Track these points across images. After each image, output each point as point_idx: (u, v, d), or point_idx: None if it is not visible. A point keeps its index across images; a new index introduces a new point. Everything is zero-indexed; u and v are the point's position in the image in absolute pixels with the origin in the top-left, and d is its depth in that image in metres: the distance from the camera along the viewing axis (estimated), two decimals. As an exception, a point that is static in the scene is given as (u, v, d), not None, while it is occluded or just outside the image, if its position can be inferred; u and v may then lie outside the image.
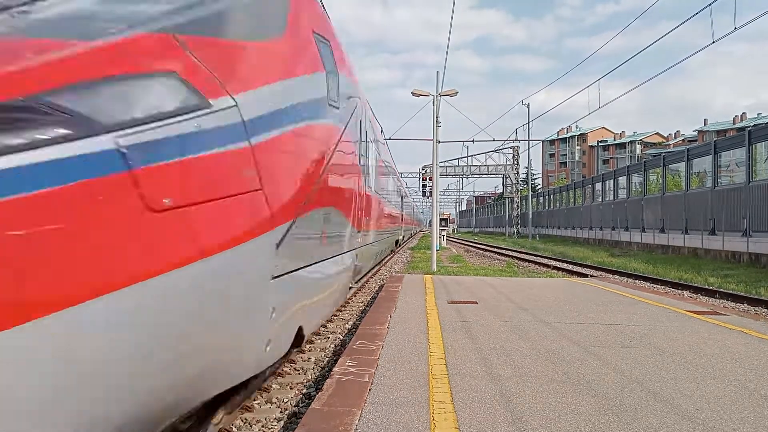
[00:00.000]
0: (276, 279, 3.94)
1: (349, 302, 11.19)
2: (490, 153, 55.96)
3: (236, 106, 3.32)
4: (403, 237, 37.18)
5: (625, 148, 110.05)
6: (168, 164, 2.78)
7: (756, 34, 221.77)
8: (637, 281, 16.60)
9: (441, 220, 32.50)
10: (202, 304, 3.03)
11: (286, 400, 5.24)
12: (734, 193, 22.80)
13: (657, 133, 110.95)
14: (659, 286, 15.23)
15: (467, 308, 8.45)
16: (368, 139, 10.21)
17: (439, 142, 19.82)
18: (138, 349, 2.63)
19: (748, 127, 28.87)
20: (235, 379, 3.72)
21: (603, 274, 19.06)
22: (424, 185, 39.95)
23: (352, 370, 4.77)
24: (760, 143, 21.98)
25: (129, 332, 2.58)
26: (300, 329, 4.92)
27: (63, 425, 2.36)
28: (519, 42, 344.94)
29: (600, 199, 39.73)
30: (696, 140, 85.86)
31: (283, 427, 4.60)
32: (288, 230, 4.06)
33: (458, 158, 55.70)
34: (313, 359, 6.77)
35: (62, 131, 2.31)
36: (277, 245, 3.87)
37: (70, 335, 2.31)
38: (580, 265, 23.04)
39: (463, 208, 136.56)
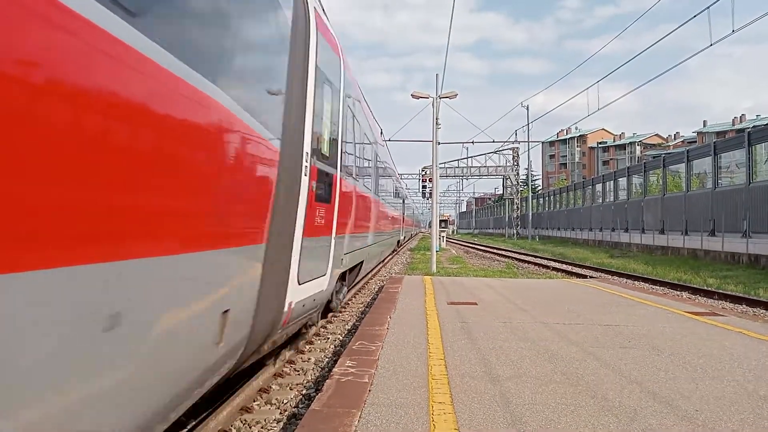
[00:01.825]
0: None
1: (348, 304, 11.21)
2: (490, 154, 56.03)
3: None
4: (404, 237, 37.47)
5: (625, 149, 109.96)
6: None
7: (754, 36, 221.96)
8: (636, 282, 16.60)
9: (441, 221, 32.49)
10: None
11: (285, 401, 5.24)
12: (734, 194, 22.82)
13: (656, 135, 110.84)
14: (658, 287, 15.23)
15: (467, 309, 8.45)
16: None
17: (439, 143, 19.84)
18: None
19: (748, 128, 28.89)
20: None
21: (602, 275, 19.06)
22: (424, 186, 39.96)
23: (352, 370, 4.78)
24: (759, 144, 22.01)
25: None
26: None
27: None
28: (519, 44, 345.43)
29: (600, 201, 39.75)
30: (696, 142, 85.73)
31: (282, 428, 4.61)
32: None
33: (458, 159, 55.68)
34: (312, 360, 6.78)
35: None
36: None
37: None
38: (580, 266, 23.04)
39: (463, 209, 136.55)
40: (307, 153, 4.99)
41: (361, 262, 10.82)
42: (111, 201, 2.05)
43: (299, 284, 5.06)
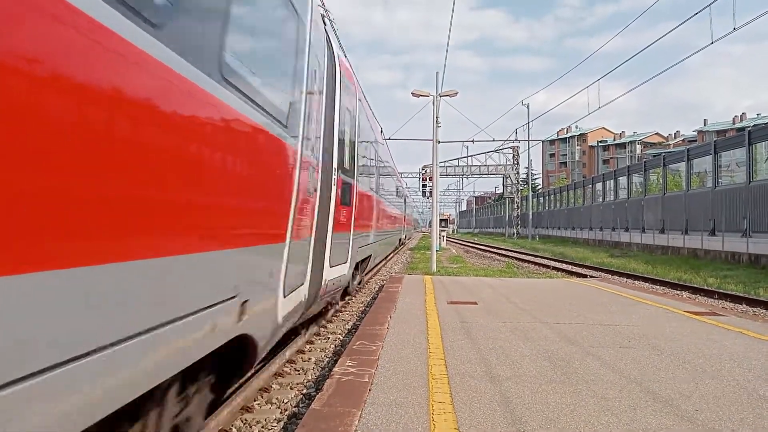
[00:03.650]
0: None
1: (348, 303, 11.22)
2: (490, 153, 55.92)
3: None
4: (405, 236, 37.74)
5: (625, 148, 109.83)
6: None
7: (755, 34, 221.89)
8: (636, 282, 16.61)
9: (441, 220, 32.50)
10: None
11: (286, 401, 5.25)
12: (734, 193, 22.81)
13: (657, 134, 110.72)
14: (658, 287, 15.23)
15: (467, 309, 8.45)
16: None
17: (439, 142, 19.81)
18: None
19: (748, 127, 28.88)
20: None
21: (602, 274, 19.06)
22: (424, 185, 39.91)
23: (352, 370, 4.78)
24: (760, 143, 22.00)
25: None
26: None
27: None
28: (519, 42, 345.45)
29: (600, 200, 39.73)
30: (696, 140, 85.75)
31: (282, 427, 4.61)
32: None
33: (458, 158, 55.55)
34: (313, 359, 6.78)
35: None
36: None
37: None
38: (580, 265, 23.04)
39: (463, 208, 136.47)
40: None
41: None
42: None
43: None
